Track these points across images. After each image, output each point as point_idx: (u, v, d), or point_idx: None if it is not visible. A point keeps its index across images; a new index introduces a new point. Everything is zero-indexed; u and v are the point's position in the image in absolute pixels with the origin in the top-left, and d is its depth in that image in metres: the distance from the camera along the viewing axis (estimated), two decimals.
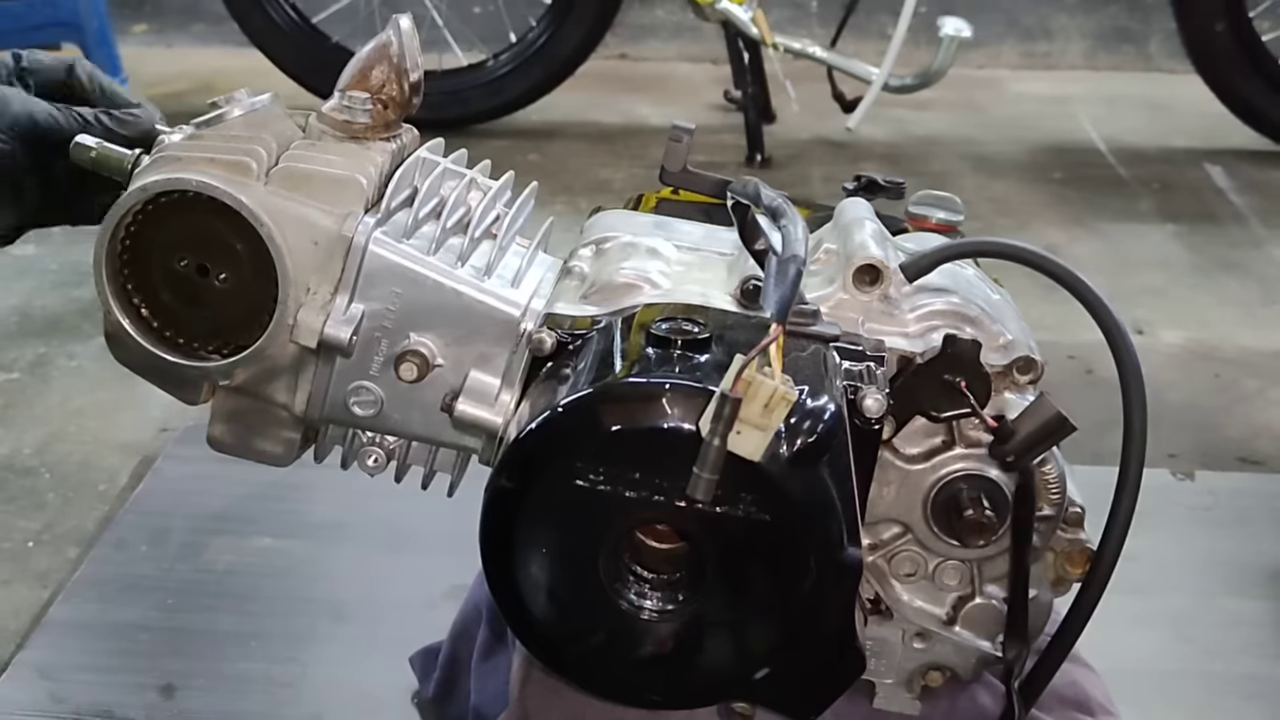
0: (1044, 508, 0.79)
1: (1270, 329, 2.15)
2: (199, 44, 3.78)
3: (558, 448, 0.69)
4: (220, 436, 0.85)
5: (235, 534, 1.48)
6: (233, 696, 1.23)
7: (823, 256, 0.82)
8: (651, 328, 0.72)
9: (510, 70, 3.04)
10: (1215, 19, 2.89)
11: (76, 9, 3.13)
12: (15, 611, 1.37)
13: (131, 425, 1.75)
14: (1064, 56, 3.79)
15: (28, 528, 1.53)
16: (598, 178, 2.83)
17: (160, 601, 1.37)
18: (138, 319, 0.81)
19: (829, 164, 2.94)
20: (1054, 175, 2.91)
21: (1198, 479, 1.65)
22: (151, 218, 0.79)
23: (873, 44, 3.33)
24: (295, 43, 3.05)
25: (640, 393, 0.68)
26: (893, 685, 0.85)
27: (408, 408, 0.81)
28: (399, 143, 0.85)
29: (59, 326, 2.05)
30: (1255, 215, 2.67)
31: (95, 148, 0.84)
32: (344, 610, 1.36)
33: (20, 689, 1.24)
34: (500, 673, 1.02)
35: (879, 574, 0.82)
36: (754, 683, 0.72)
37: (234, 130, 0.81)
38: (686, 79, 3.63)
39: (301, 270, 0.78)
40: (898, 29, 2.83)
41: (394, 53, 0.83)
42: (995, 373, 0.78)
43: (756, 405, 0.64)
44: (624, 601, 0.71)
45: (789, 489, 0.67)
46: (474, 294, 0.79)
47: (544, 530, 0.70)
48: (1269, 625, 1.37)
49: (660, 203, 0.93)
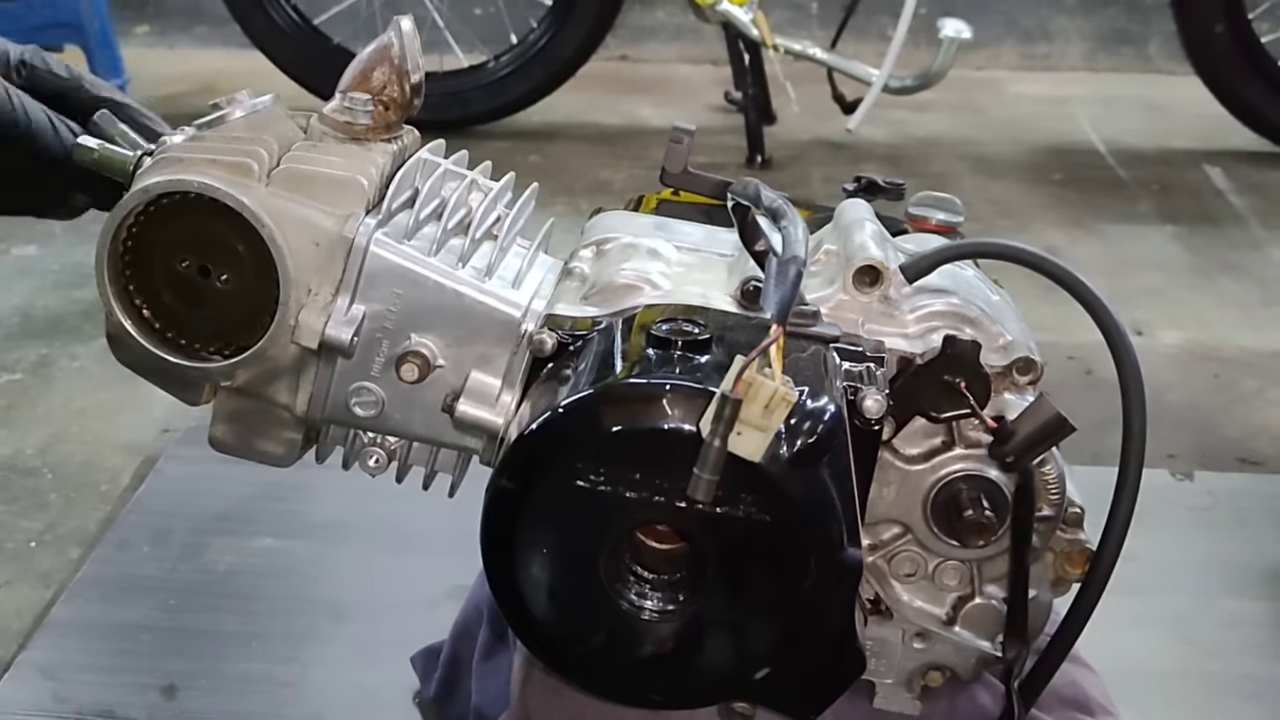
0: (1043, 508, 0.79)
1: (1269, 330, 2.16)
2: (201, 45, 3.79)
3: (559, 448, 0.69)
4: (222, 437, 0.85)
5: (237, 534, 1.48)
6: (234, 696, 1.23)
7: (823, 257, 0.83)
8: (652, 329, 0.72)
9: (511, 71, 3.05)
10: (1214, 21, 2.90)
11: (78, 10, 3.14)
12: (18, 611, 1.38)
13: (133, 426, 1.75)
14: (1063, 58, 3.80)
15: (30, 528, 1.53)
16: (598, 179, 2.83)
17: (162, 602, 1.37)
18: (139, 320, 0.81)
19: (829, 165, 2.95)
20: (1053, 176, 2.92)
21: (1197, 479, 1.65)
22: (153, 219, 0.79)
23: (873, 45, 3.33)
24: (297, 44, 3.05)
25: (641, 393, 0.68)
26: (893, 685, 0.85)
27: (409, 408, 0.81)
28: (400, 144, 0.85)
29: (61, 327, 2.05)
30: (1254, 216, 2.68)
31: (97, 149, 0.84)
32: (345, 610, 1.36)
33: (23, 689, 1.24)
34: (501, 673, 1.02)
35: (879, 574, 0.82)
36: (754, 682, 0.72)
37: (236, 131, 0.81)
38: (687, 80, 3.63)
39: (303, 271, 0.78)
40: (897, 31, 2.84)
41: (395, 54, 0.83)
42: (995, 373, 0.78)
43: (757, 406, 0.64)
44: (625, 602, 0.71)
45: (789, 489, 0.67)
46: (475, 295, 0.79)
47: (545, 530, 0.71)
48: (1268, 626, 1.37)
49: (660, 204, 0.93)
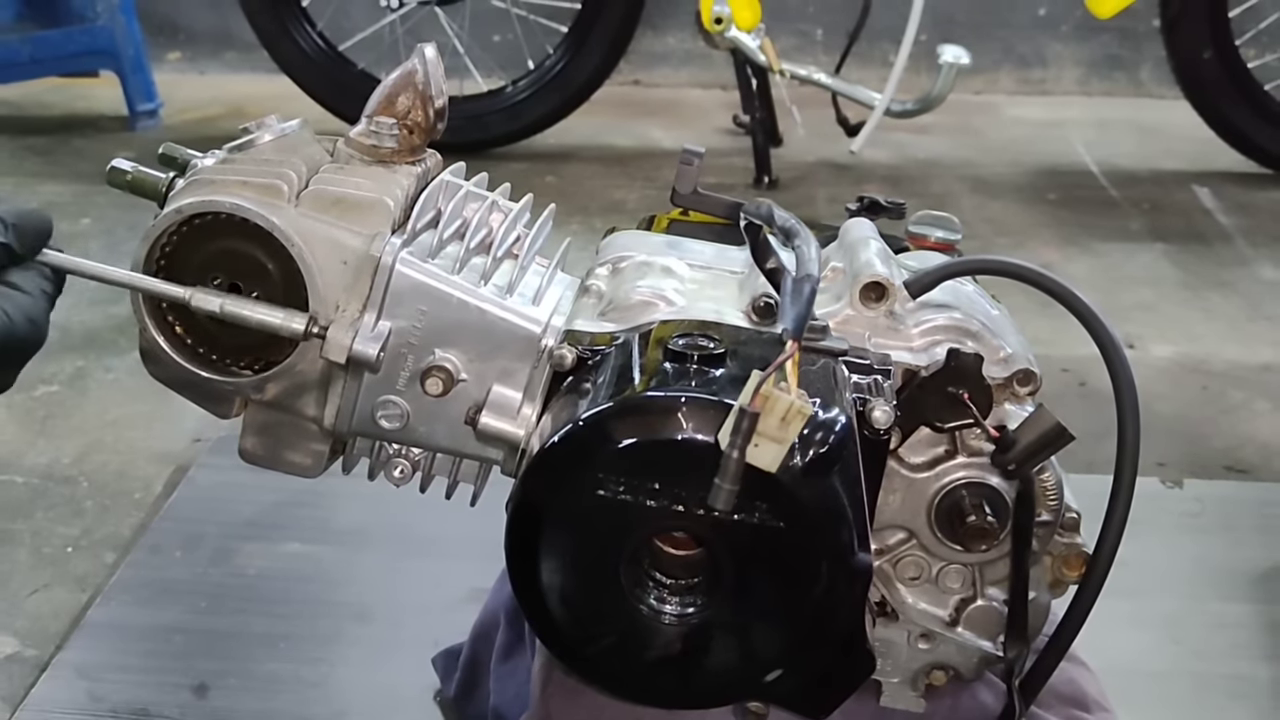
0: (1043, 514, 0.81)
1: (1256, 343, 2.19)
2: (230, 71, 3.84)
3: (579, 459, 0.70)
4: (251, 449, 0.87)
5: (265, 540, 1.50)
6: (263, 695, 1.25)
7: (829, 274, 0.84)
8: (668, 343, 0.74)
9: (528, 96, 3.10)
10: (1203, 47, 2.96)
11: (113, 37, 3.19)
12: (55, 614, 1.40)
13: (166, 436, 1.78)
14: (1058, 83, 3.86)
15: (67, 534, 1.56)
16: (612, 199, 2.86)
17: (194, 604, 1.39)
18: (172, 336, 0.83)
19: (833, 185, 2.98)
20: (1049, 196, 2.95)
21: (1186, 487, 1.67)
22: (186, 238, 0.81)
23: (875, 71, 3.39)
24: (323, 70, 3.10)
25: (659, 406, 0.70)
26: (898, 684, 0.87)
27: (433, 421, 0.83)
28: (423, 166, 0.87)
29: (96, 341, 2.07)
30: (1241, 235, 2.72)
31: (131, 171, 0.86)
32: (369, 613, 1.38)
33: (60, 688, 1.26)
34: (518, 674, 1.04)
35: (885, 578, 0.84)
36: (768, 683, 0.74)
37: (265, 154, 0.83)
38: (697, 104, 3.68)
39: (331, 289, 0.80)
40: (899, 57, 2.87)
41: (419, 80, 0.85)
42: (996, 385, 0.80)
43: (774, 419, 0.65)
44: (644, 606, 0.73)
45: (803, 498, 0.68)
46: (497, 311, 0.81)
47: (567, 539, 0.72)
48: (1255, 627, 1.39)
49: (672, 223, 0.95)
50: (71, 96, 3.54)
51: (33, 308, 0.80)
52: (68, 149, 3.14)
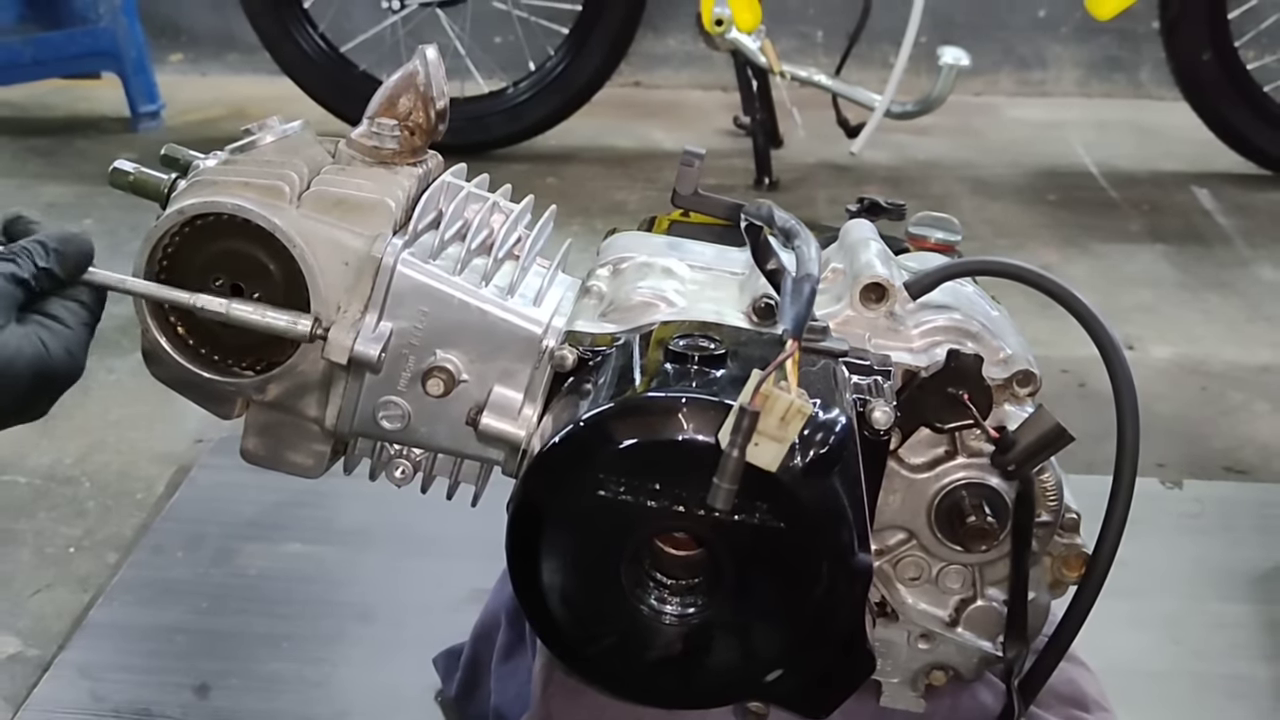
0: (1042, 514, 0.81)
1: (1254, 344, 2.19)
2: (232, 72, 3.85)
3: (580, 460, 0.71)
4: (253, 449, 0.87)
5: (267, 540, 1.51)
6: (265, 695, 1.25)
7: (830, 275, 0.84)
8: (669, 344, 0.74)
9: (530, 97, 3.11)
10: (1202, 49, 2.96)
11: (115, 39, 3.21)
12: (57, 614, 1.40)
13: (168, 436, 1.78)
14: (1058, 84, 3.86)
15: (69, 534, 1.56)
16: (613, 200, 2.87)
17: (195, 604, 1.39)
18: (174, 336, 0.84)
19: (833, 186, 2.99)
20: (1048, 197, 2.96)
21: (1185, 488, 1.67)
22: (188, 239, 0.82)
23: (875, 72, 3.39)
24: (325, 71, 3.11)
25: (660, 406, 0.70)
26: (898, 684, 0.87)
27: (434, 422, 0.83)
28: (425, 167, 0.88)
29: (98, 341, 2.04)
30: (1240, 236, 2.73)
31: (133, 172, 0.87)
32: (370, 613, 1.38)
33: (62, 688, 1.26)
34: (519, 674, 1.05)
35: (885, 578, 0.84)
36: (769, 683, 0.74)
37: (267, 155, 0.84)
38: (697, 106, 3.68)
39: (332, 290, 0.80)
40: (899, 58, 2.87)
41: (421, 81, 0.86)
42: (996, 386, 0.80)
43: (774, 418, 0.65)
44: (645, 606, 0.74)
45: (803, 498, 0.69)
46: (498, 312, 0.82)
47: (568, 539, 0.72)
48: (1253, 627, 1.40)
49: (672, 224, 0.95)
50: (74, 98, 3.54)
51: (71, 340, 0.80)
52: (70, 150, 3.14)
